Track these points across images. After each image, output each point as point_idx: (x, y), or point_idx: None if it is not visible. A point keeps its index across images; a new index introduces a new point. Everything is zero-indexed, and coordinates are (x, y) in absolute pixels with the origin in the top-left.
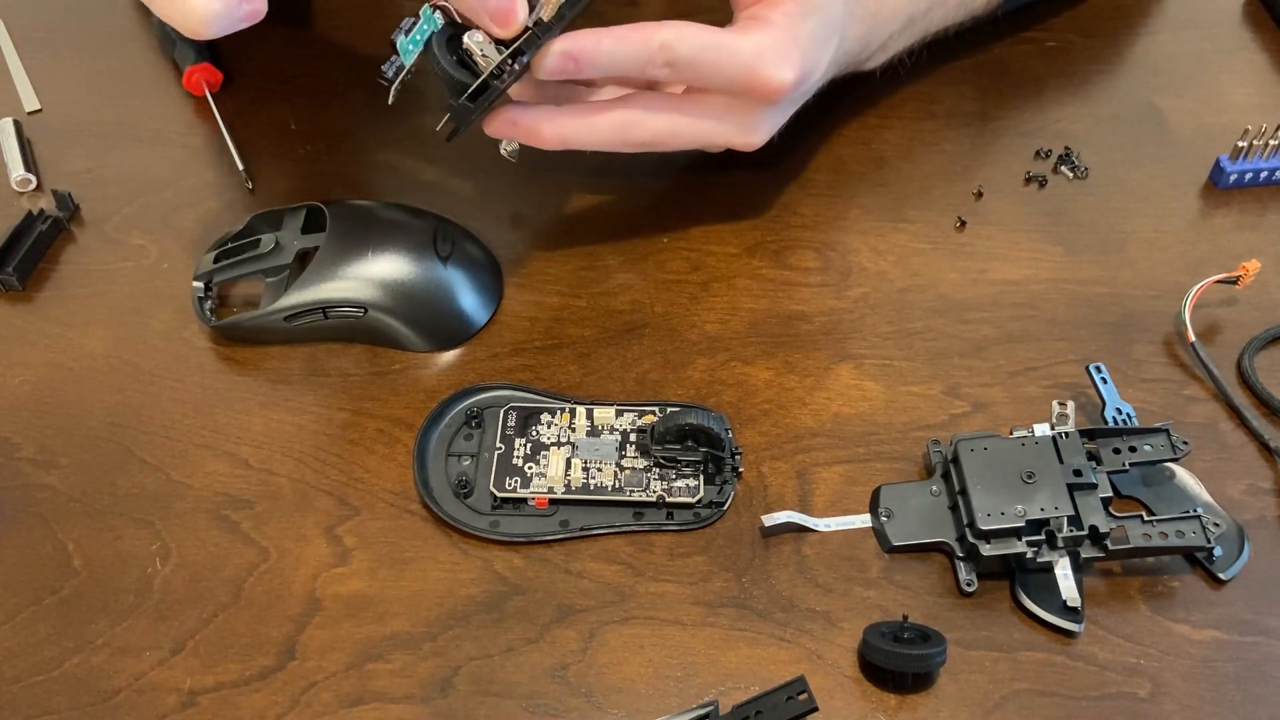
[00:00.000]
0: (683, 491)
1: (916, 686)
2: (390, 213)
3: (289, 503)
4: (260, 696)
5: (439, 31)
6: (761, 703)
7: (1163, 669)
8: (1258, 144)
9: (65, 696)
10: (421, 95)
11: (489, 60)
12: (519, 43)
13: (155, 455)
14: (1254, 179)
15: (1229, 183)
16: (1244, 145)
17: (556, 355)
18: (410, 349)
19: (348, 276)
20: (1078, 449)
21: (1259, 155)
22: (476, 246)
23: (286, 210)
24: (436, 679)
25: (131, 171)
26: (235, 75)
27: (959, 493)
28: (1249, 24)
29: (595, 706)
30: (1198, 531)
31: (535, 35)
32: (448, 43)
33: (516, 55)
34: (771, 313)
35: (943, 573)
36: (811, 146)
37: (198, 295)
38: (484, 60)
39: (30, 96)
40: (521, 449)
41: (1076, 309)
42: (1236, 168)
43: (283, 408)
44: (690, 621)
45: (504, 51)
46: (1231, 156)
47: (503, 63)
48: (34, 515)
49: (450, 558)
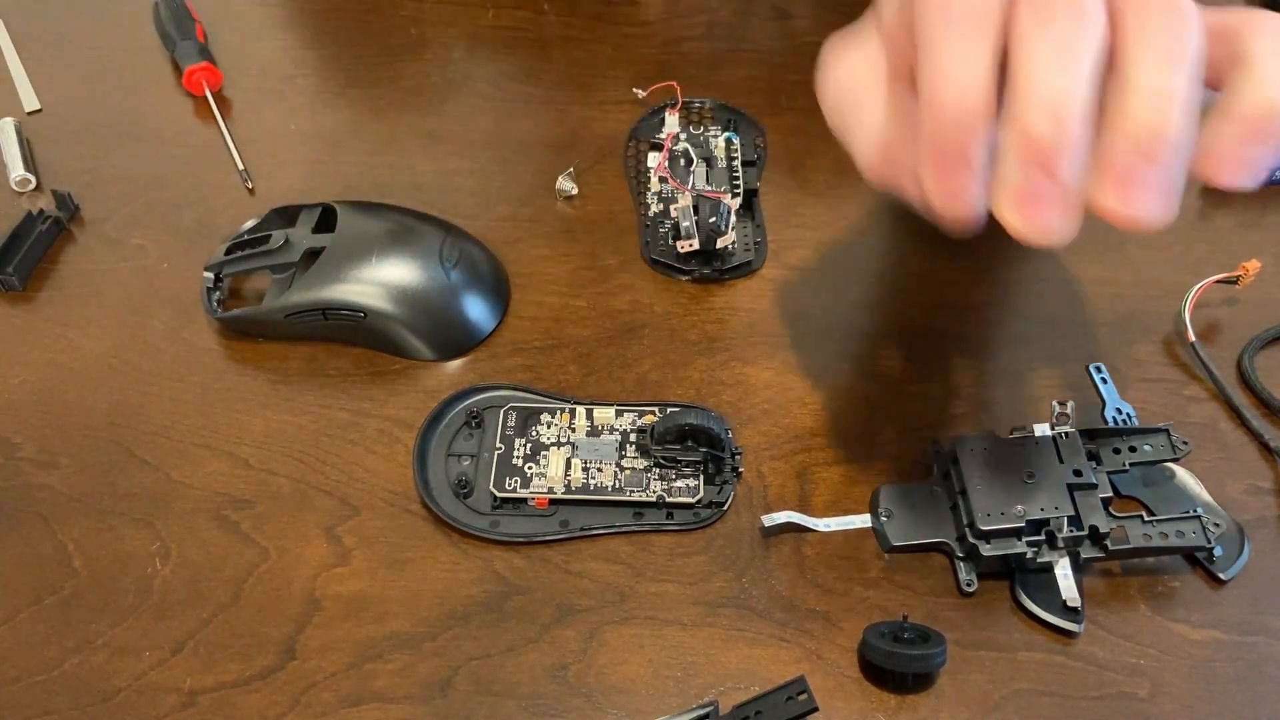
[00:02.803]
0: (683, 491)
1: (916, 686)
2: (400, 217)
3: (289, 503)
4: (260, 696)
5: None
6: (761, 703)
7: (1163, 669)
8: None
9: (65, 696)
10: (421, 95)
11: None
12: None
13: (155, 455)
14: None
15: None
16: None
17: (556, 355)
18: (415, 357)
19: (350, 279)
20: (1078, 449)
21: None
22: (485, 255)
23: (303, 207)
24: (436, 679)
25: (131, 171)
26: (235, 75)
27: (959, 493)
28: None
29: (595, 706)
30: (1198, 531)
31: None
32: None
33: None
34: (771, 313)
35: (943, 573)
36: (812, 147)
37: (207, 286)
38: None
39: (30, 96)
40: (521, 449)
41: (1076, 309)
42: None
43: (283, 408)
44: (690, 621)
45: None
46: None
47: None
48: (34, 515)
49: (450, 558)
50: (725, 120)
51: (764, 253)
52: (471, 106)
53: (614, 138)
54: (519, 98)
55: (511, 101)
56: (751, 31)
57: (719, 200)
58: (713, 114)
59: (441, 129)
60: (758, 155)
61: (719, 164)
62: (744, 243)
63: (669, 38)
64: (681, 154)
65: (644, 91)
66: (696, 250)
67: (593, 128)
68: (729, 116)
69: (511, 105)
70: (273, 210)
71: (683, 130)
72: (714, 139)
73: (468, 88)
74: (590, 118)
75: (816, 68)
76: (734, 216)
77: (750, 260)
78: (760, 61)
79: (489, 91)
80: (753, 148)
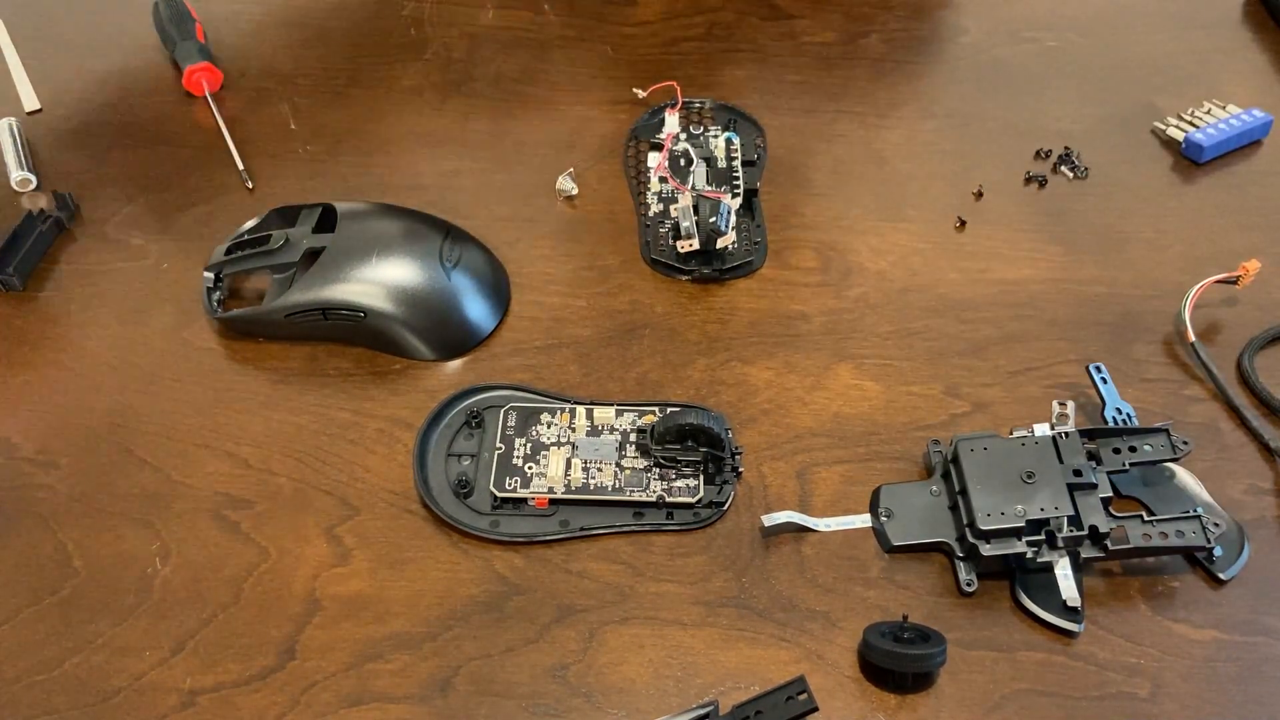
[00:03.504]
0: (683, 491)
1: (916, 686)
2: (400, 217)
3: (289, 503)
4: (260, 696)
5: None
6: (761, 703)
7: (1163, 669)
8: (1202, 115)
9: (65, 696)
10: (421, 95)
11: None
12: None
13: (155, 455)
14: (1227, 144)
15: (1208, 156)
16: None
17: (556, 355)
18: (415, 357)
19: (349, 279)
20: (1078, 449)
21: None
22: (485, 255)
23: (303, 207)
24: (436, 679)
25: (131, 171)
26: (235, 75)
27: (959, 493)
28: (1249, 24)
29: (595, 706)
30: (1198, 531)
31: None
32: None
33: None
34: (771, 313)
35: (943, 573)
36: (811, 147)
37: (207, 286)
38: None
39: (30, 96)
40: (521, 449)
41: (1076, 309)
42: (1211, 140)
43: (283, 408)
44: (690, 621)
45: None
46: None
47: None
48: (34, 515)
49: (450, 558)
50: (725, 120)
51: (764, 253)
52: (471, 106)
53: (614, 138)
54: (519, 98)
55: (511, 101)
56: (751, 31)
57: (719, 200)
58: (713, 114)
59: (441, 129)
60: (758, 155)
61: (719, 164)
62: (744, 243)
63: (669, 38)
64: (681, 154)
65: (644, 91)
66: (696, 250)
67: (593, 128)
68: (729, 116)
69: (511, 105)
70: (273, 210)
71: (683, 130)
72: (714, 139)
73: (468, 88)
74: (590, 118)
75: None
76: (734, 216)
77: (750, 260)
78: (760, 61)
79: (489, 91)
80: (753, 148)
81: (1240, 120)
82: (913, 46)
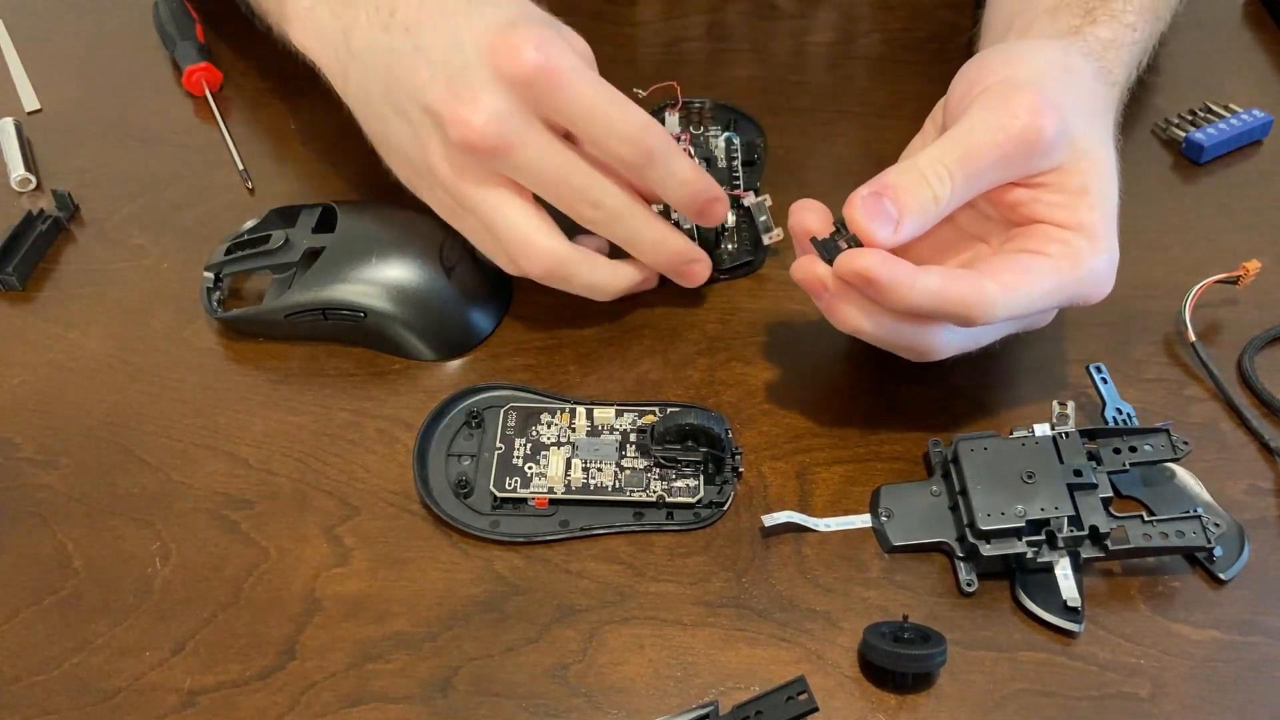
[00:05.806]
0: (683, 491)
1: (916, 686)
2: (400, 218)
3: (289, 503)
4: (260, 696)
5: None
6: (761, 703)
7: (1163, 669)
8: (1202, 115)
9: (65, 696)
10: None
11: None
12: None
13: (155, 455)
14: (1228, 144)
15: (1208, 156)
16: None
17: (556, 355)
18: (415, 357)
19: (350, 279)
20: (1078, 449)
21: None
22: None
23: (303, 207)
24: (436, 679)
25: (131, 171)
26: (235, 75)
27: (959, 493)
28: (1249, 24)
29: (595, 706)
30: (1198, 531)
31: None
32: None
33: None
34: (771, 313)
35: (943, 573)
36: (812, 147)
37: (206, 286)
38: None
39: (30, 96)
40: (521, 449)
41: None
42: (1211, 139)
43: (283, 408)
44: (690, 621)
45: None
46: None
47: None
48: (34, 515)
49: (450, 558)
50: (725, 120)
51: (764, 253)
52: None
53: None
54: None
55: None
56: (751, 31)
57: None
58: (713, 114)
59: None
60: (758, 155)
61: (719, 164)
62: (744, 243)
63: (669, 38)
64: None
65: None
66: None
67: None
68: (729, 116)
69: None
70: (273, 210)
71: (683, 130)
72: (714, 139)
73: None
74: None
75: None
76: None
77: (750, 260)
78: (760, 61)
79: None
80: (753, 148)
81: (1240, 120)
82: (913, 46)
